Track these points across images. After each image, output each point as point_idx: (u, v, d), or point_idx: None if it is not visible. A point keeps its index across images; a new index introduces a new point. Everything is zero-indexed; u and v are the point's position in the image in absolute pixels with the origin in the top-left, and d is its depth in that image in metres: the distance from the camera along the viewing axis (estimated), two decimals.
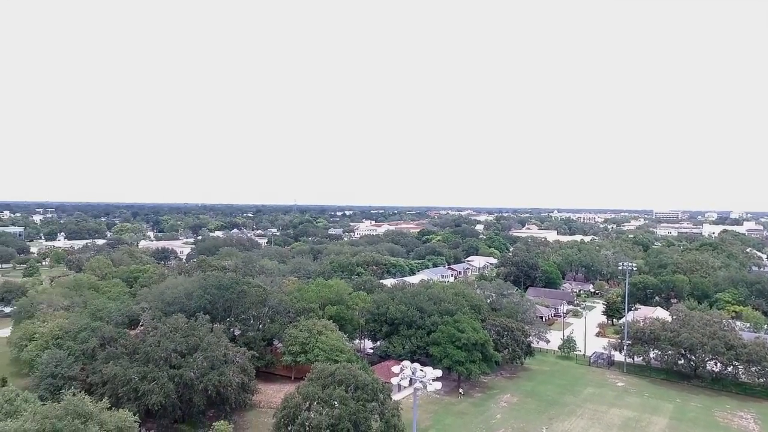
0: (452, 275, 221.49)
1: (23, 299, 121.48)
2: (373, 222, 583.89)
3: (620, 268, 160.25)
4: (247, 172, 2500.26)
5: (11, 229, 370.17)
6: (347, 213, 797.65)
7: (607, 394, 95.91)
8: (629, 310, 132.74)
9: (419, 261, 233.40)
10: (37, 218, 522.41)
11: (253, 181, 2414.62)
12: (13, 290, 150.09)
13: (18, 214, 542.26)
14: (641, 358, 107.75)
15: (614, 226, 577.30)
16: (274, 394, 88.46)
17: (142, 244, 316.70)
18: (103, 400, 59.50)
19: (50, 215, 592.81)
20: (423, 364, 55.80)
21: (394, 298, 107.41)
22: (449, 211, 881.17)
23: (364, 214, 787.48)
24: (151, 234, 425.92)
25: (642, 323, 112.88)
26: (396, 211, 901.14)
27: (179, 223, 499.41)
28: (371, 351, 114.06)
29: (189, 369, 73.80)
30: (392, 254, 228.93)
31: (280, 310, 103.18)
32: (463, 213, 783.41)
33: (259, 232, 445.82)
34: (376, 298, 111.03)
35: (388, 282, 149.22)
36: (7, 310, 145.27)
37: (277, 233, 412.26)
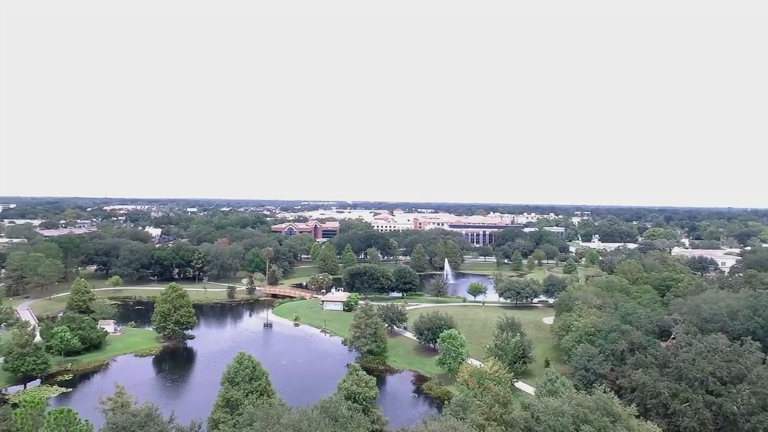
0: None
1: (563, 293, 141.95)
2: None
3: None
4: None
5: (554, 229, 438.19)
6: None
7: None
8: None
9: None
10: (575, 220, 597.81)
11: None
12: (556, 284, 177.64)
13: (560, 216, 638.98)
14: None
15: None
16: None
17: (675, 250, 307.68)
18: (631, 406, 60.91)
19: (586, 218, 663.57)
20: None
21: None
22: None
23: None
24: (685, 241, 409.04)
25: None
26: None
27: (720, 230, 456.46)
28: None
29: (731, 401, 65.98)
30: None
31: None
32: None
33: None
34: None
35: None
36: (551, 300, 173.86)
37: None
